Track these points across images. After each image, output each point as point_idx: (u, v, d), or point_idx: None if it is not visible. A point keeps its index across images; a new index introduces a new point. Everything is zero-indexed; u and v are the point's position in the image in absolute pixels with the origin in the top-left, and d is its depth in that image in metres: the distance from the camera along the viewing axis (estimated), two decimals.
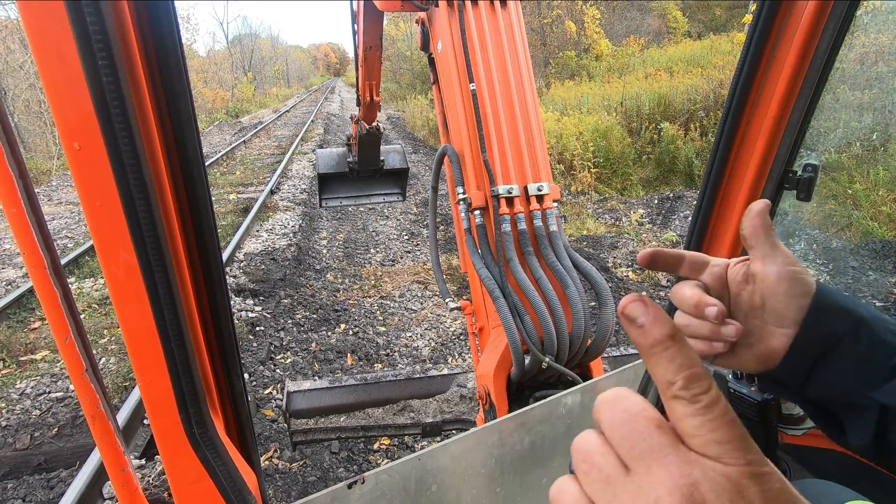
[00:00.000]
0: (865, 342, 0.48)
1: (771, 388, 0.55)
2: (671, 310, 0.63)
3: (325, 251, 7.11)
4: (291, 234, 7.50)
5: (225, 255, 6.31)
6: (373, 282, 5.99)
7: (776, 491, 0.26)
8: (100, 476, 2.82)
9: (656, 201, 8.62)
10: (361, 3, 3.19)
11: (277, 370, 4.21)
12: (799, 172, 1.05)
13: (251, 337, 4.65)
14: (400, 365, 4.31)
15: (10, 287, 5.80)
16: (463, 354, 4.43)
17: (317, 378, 3.95)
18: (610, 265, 6.07)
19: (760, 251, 0.54)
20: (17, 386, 3.98)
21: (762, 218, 0.54)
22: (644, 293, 0.29)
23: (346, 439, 2.78)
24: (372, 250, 7.11)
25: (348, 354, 4.45)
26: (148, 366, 0.71)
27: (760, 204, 0.55)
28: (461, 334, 4.74)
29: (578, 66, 18.99)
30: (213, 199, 0.75)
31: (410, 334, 4.79)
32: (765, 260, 0.54)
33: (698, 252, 0.61)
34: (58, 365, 4.29)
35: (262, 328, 4.81)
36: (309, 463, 3.21)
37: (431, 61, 2.14)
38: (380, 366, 4.31)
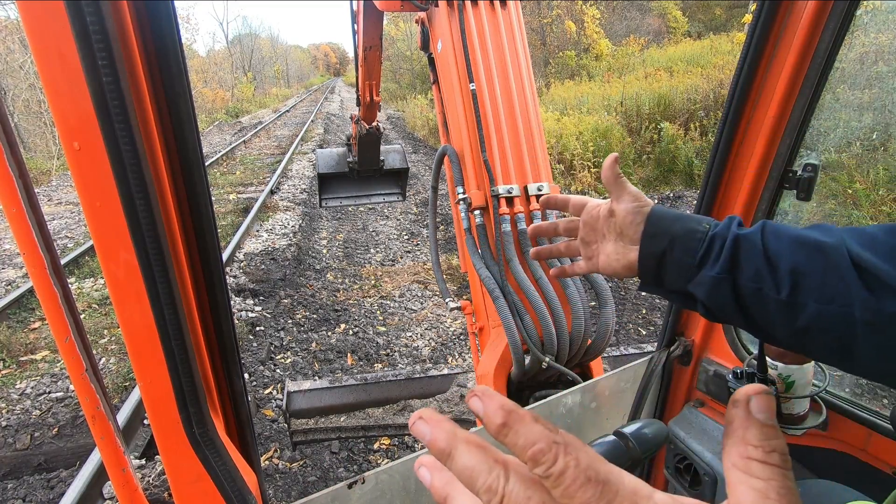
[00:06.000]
0: (677, 253, 0.66)
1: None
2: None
3: (325, 251, 7.11)
4: (291, 234, 7.50)
5: (225, 255, 6.31)
6: (373, 282, 5.99)
7: None
8: (100, 476, 2.82)
9: (656, 201, 8.61)
10: (361, 2, 3.19)
11: (277, 370, 4.21)
12: (799, 172, 1.05)
13: (251, 337, 4.66)
14: (400, 365, 4.31)
15: (10, 287, 5.81)
16: (463, 354, 4.43)
17: (317, 378, 3.95)
18: None
19: (615, 194, 0.73)
20: (18, 386, 3.99)
21: (613, 169, 0.73)
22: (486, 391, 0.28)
23: (347, 439, 2.78)
24: (372, 250, 7.10)
25: (348, 354, 4.45)
26: (148, 365, 0.70)
27: (611, 159, 0.74)
28: (461, 334, 4.74)
29: (578, 65, 18.96)
30: (213, 198, 0.75)
31: (410, 334, 4.79)
32: (619, 200, 0.73)
33: (580, 197, 0.84)
34: (58, 365, 4.29)
35: (262, 328, 4.81)
36: (309, 463, 3.21)
37: (431, 61, 2.14)
38: (380, 366, 4.31)
